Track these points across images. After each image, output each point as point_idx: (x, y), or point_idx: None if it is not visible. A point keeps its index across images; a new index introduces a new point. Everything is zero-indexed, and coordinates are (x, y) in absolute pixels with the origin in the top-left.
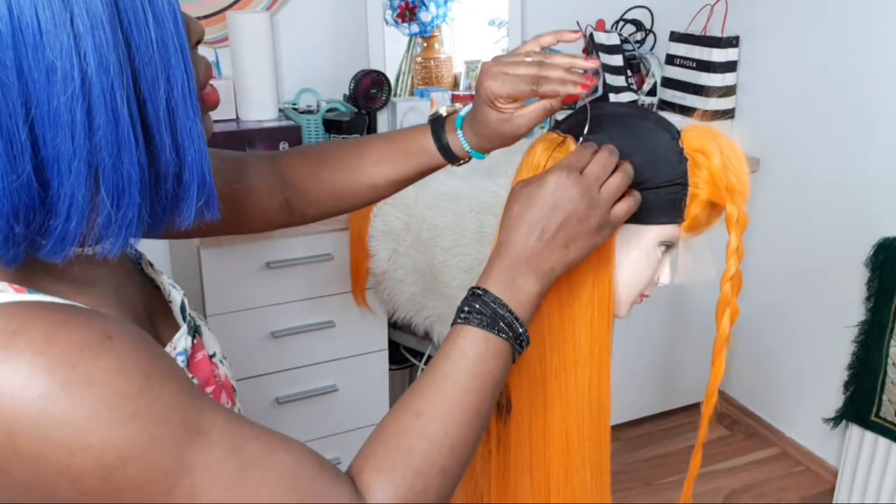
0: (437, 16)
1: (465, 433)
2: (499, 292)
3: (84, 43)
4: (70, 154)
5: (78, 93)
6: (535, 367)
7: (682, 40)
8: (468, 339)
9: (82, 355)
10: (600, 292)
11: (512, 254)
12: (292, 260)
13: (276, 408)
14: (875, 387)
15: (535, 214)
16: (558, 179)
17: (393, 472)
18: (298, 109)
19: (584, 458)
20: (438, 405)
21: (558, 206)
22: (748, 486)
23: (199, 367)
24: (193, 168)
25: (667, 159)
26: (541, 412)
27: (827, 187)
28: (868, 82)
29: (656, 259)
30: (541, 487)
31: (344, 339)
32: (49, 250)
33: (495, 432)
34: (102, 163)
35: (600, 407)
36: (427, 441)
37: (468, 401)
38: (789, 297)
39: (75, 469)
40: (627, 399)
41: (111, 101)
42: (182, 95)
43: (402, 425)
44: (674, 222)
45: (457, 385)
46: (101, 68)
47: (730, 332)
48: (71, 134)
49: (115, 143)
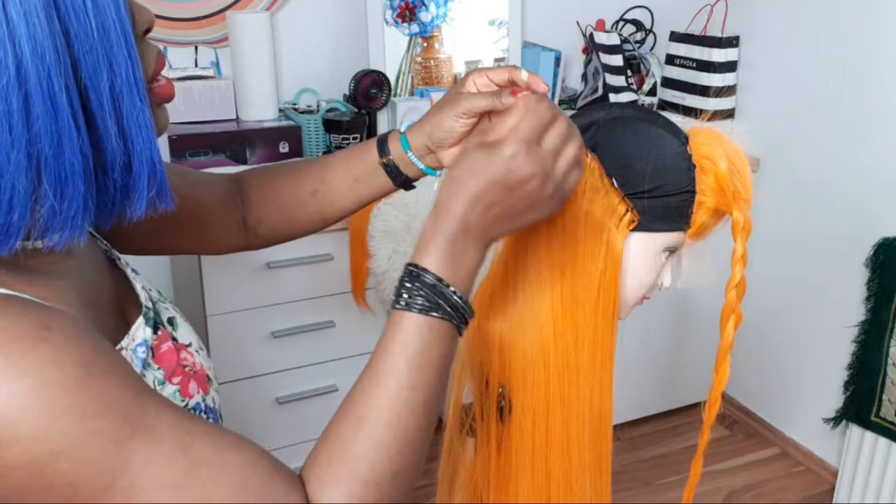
0: (437, 16)
1: (416, 431)
2: (438, 270)
3: (17, 30)
4: (8, 144)
5: (13, 82)
6: (538, 371)
7: (682, 40)
8: (409, 328)
9: (13, 345)
10: (605, 300)
11: (452, 224)
12: (292, 260)
13: (276, 408)
14: (875, 387)
15: (481, 186)
16: (515, 156)
17: (338, 486)
18: (298, 109)
19: (585, 465)
20: (383, 408)
21: (508, 181)
22: (748, 486)
23: (164, 358)
24: (143, 157)
25: (676, 166)
26: (542, 417)
27: (827, 187)
28: (868, 82)
29: (660, 264)
30: (541, 492)
31: (344, 339)
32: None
33: (495, 434)
34: (43, 153)
35: (601, 415)
36: (374, 450)
37: (415, 396)
38: (789, 296)
39: (4, 463)
40: (628, 398)
41: (48, 90)
42: (127, 83)
43: (345, 433)
44: (680, 229)
45: (400, 382)
46: (37, 56)
47: (734, 339)
48: (8, 125)
49: (55, 132)
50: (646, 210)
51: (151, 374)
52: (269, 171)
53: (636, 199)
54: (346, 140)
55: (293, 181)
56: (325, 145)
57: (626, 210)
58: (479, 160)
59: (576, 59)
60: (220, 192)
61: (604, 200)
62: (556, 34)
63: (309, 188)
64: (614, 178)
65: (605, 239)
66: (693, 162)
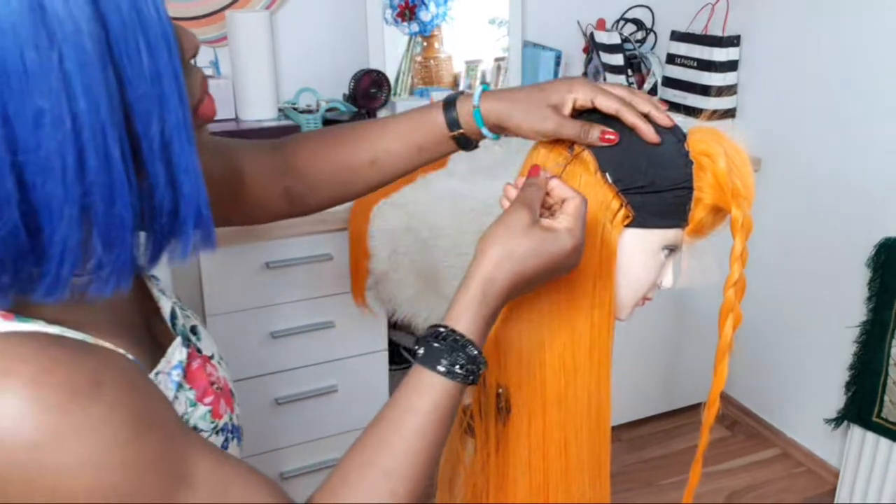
0: (437, 15)
1: (426, 480)
2: (478, 341)
3: (74, 83)
4: (62, 198)
5: (69, 136)
6: (535, 370)
7: (683, 39)
8: (444, 393)
9: (72, 402)
10: (601, 298)
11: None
12: (292, 260)
13: (275, 408)
14: (877, 387)
15: (533, 269)
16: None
17: None
18: (298, 109)
19: (583, 465)
20: (409, 465)
21: (558, 267)
22: (749, 487)
23: (196, 377)
24: (190, 202)
25: (672, 162)
26: (539, 416)
27: (828, 187)
28: (869, 81)
29: (659, 262)
30: (539, 492)
31: (344, 340)
32: (41, 295)
33: (494, 434)
34: (95, 206)
35: (599, 414)
36: (395, 501)
37: (436, 452)
38: (790, 297)
39: None
40: (629, 399)
41: (102, 142)
42: (177, 126)
43: (370, 485)
44: (678, 226)
45: (426, 439)
46: (92, 109)
47: (732, 339)
48: (62, 178)
49: (107, 184)
50: (641, 206)
51: (184, 395)
52: (320, 138)
53: (631, 195)
54: None
55: (348, 149)
56: None
57: (620, 205)
58: (547, 243)
59: (576, 59)
60: (261, 162)
61: (598, 196)
62: (557, 33)
63: (367, 157)
64: (608, 174)
65: (599, 234)
66: (690, 158)
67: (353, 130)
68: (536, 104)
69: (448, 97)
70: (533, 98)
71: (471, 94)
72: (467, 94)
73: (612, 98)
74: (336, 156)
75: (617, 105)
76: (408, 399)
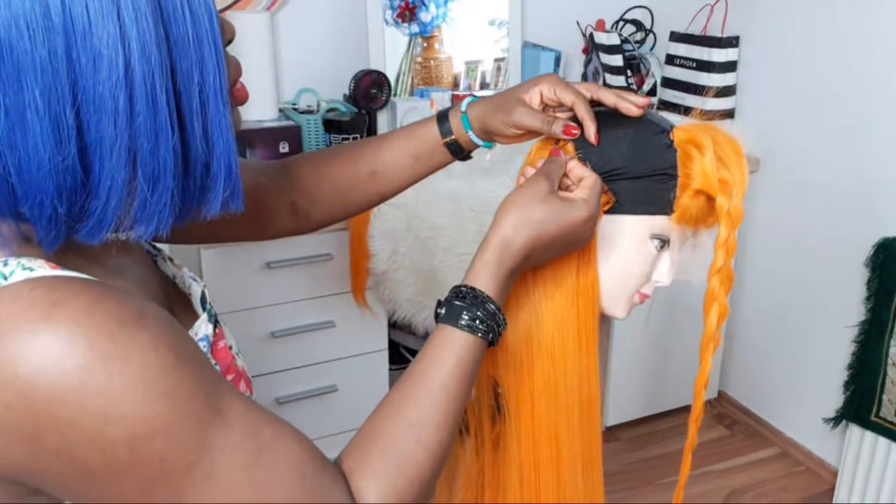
0: (437, 16)
1: (450, 438)
2: (497, 298)
3: (128, 33)
4: (112, 138)
5: (121, 80)
6: (522, 359)
7: (682, 40)
8: (466, 347)
9: (120, 330)
10: (584, 283)
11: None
12: (292, 260)
13: (276, 408)
14: (875, 387)
15: (551, 234)
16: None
17: (387, 482)
18: (298, 109)
19: (575, 456)
20: (434, 416)
21: (574, 237)
22: (748, 486)
23: (221, 355)
24: (222, 159)
25: (653, 149)
26: (528, 406)
27: (827, 187)
28: (868, 82)
29: (649, 253)
30: (530, 485)
31: (344, 339)
32: (87, 232)
33: (489, 431)
34: (141, 148)
35: (590, 402)
36: (423, 452)
37: (458, 406)
38: (789, 296)
39: (107, 438)
40: (628, 399)
41: (151, 90)
42: (213, 89)
43: (397, 435)
44: (661, 213)
45: (450, 394)
46: (144, 57)
47: (718, 330)
48: (114, 119)
49: (153, 129)
50: (621, 191)
51: None
52: (322, 155)
53: (611, 181)
54: (346, 140)
55: (348, 164)
56: (325, 145)
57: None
58: (563, 211)
59: (576, 60)
60: (274, 180)
61: None
62: (556, 34)
63: (366, 169)
64: (588, 160)
65: None
66: (675, 147)
67: (353, 146)
68: (508, 100)
69: (442, 110)
70: (506, 96)
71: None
72: (458, 107)
73: (569, 90)
74: (338, 170)
75: (572, 97)
76: (432, 354)
